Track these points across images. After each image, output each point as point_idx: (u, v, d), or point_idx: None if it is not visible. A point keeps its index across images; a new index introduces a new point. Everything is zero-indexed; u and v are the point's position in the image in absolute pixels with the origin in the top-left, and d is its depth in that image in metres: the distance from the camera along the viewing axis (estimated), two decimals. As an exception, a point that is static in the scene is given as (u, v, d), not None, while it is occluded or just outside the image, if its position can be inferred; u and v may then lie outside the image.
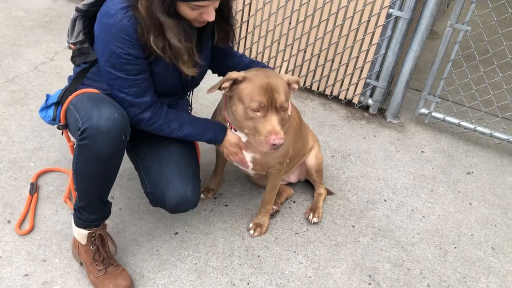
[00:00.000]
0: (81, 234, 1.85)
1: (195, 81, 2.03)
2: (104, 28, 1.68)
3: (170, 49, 1.72)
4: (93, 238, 1.86)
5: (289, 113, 2.00)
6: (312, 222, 2.29)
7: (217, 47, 2.01)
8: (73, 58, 1.99)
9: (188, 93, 2.20)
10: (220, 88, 1.82)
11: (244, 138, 1.96)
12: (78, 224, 1.84)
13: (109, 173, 1.78)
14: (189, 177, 1.91)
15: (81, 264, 1.95)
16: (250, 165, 2.05)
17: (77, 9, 1.84)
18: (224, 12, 1.82)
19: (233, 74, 1.78)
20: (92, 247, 1.87)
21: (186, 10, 1.66)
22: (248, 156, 2.01)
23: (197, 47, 1.84)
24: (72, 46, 1.93)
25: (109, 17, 1.66)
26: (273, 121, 1.74)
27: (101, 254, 1.88)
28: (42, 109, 2.01)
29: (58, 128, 1.92)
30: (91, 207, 1.81)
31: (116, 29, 1.66)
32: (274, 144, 1.72)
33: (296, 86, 1.88)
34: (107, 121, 1.63)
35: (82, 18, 1.85)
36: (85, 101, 1.74)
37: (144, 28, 1.67)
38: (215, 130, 1.95)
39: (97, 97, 1.76)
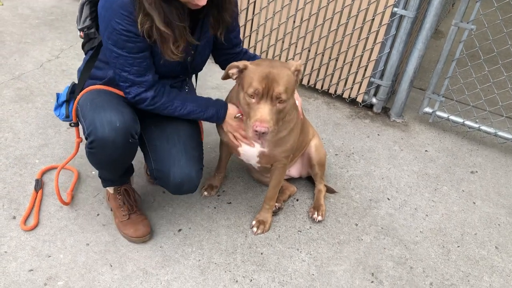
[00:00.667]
0: (108, 188, 2.17)
1: (196, 64, 2.04)
2: (106, 6, 1.73)
3: (157, 30, 1.72)
4: (119, 190, 2.13)
5: (301, 116, 2.04)
6: (317, 221, 2.30)
7: (226, 38, 2.01)
8: (83, 47, 2.06)
9: (190, 77, 2.19)
10: (229, 76, 1.88)
11: None
12: (105, 186, 2.16)
13: (124, 162, 2.00)
14: (195, 159, 1.95)
15: (111, 209, 2.19)
16: (256, 154, 2.04)
17: None
18: (217, 0, 1.82)
19: (236, 63, 1.84)
20: (119, 195, 2.14)
21: None
22: (255, 151, 2.02)
23: (193, 34, 1.85)
24: (81, 33, 2.00)
25: None
26: (263, 109, 1.74)
27: (126, 202, 2.13)
28: (55, 108, 2.11)
29: (71, 125, 2.00)
30: (111, 180, 2.12)
31: (116, 6, 1.70)
32: (256, 131, 1.73)
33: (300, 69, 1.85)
34: (110, 131, 1.75)
35: (89, 4, 1.93)
36: (88, 107, 1.84)
37: (137, 6, 1.69)
38: (216, 105, 1.98)
39: (98, 101, 1.84)
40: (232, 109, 1.99)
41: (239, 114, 1.97)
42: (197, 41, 1.88)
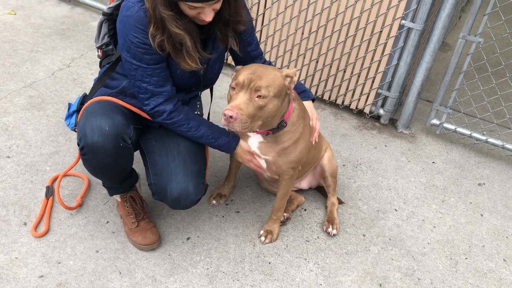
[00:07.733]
0: (115, 196, 2.19)
1: (209, 78, 2.06)
2: (123, 20, 1.78)
3: (168, 42, 1.75)
4: (125, 197, 2.16)
5: (315, 133, 2.08)
6: (332, 234, 2.30)
7: (243, 51, 2.04)
8: (100, 63, 2.09)
9: (202, 90, 2.21)
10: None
11: (254, 143, 2.01)
12: (111, 194, 2.18)
13: (119, 169, 1.96)
14: (194, 173, 1.95)
15: (121, 217, 2.21)
16: (264, 165, 2.07)
17: (103, 13, 1.97)
18: (223, 16, 1.84)
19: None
20: (126, 203, 2.16)
21: (185, 8, 1.72)
22: (261, 160, 2.05)
23: (206, 48, 1.89)
24: (99, 52, 2.04)
25: (127, 9, 1.76)
26: (239, 97, 1.74)
27: (134, 209, 2.16)
28: (66, 118, 2.14)
29: (75, 131, 2.02)
30: (114, 187, 2.13)
31: (133, 20, 1.75)
32: (225, 114, 1.69)
33: (295, 79, 1.86)
34: (99, 136, 1.77)
35: (108, 22, 1.98)
36: (83, 115, 1.87)
37: (148, 19, 1.74)
38: (229, 137, 2.00)
39: (93, 109, 1.86)
40: (245, 145, 2.03)
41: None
42: (210, 55, 1.91)
